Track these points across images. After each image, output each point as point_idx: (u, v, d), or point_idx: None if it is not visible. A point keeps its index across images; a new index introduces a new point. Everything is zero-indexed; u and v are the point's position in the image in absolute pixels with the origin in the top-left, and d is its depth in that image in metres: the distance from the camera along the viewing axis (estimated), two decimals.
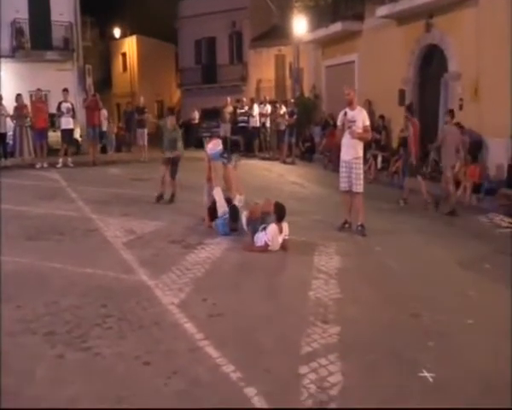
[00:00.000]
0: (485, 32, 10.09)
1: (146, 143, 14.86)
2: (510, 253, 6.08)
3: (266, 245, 5.59)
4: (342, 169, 6.91)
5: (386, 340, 3.59)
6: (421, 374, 3.07)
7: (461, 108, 10.81)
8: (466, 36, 10.61)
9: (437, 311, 4.15)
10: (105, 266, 5.05)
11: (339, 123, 7.05)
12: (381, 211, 8.41)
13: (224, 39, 26.14)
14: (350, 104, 6.90)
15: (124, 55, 33.20)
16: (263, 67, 24.67)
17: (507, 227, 7.49)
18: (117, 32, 33.08)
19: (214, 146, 7.33)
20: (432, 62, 12.04)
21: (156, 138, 22.46)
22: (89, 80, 18.87)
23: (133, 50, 32.24)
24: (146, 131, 14.89)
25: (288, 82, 21.60)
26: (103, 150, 16.69)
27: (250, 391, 2.83)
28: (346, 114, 6.85)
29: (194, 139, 19.31)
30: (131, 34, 32.49)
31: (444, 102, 11.46)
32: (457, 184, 9.49)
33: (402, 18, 12.45)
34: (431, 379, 3.03)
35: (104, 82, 32.38)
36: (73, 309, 3.93)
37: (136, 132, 15.11)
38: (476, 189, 9.32)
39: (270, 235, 5.55)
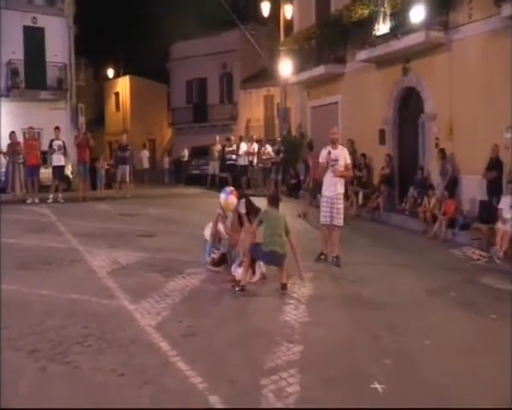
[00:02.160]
0: (457, 76, 10.73)
1: (128, 179, 15.17)
2: (477, 282, 6.44)
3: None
4: (324, 204, 7.28)
5: (346, 358, 3.87)
6: (373, 386, 3.34)
7: (437, 146, 11.35)
8: (440, 79, 11.25)
9: (398, 333, 4.45)
10: (89, 293, 5.31)
11: (321, 160, 7.45)
12: (360, 244, 8.76)
13: (214, 80, 27.06)
14: (334, 143, 7.36)
15: (117, 94, 34.08)
16: (252, 106, 25.51)
17: (477, 259, 7.86)
18: (110, 72, 34.15)
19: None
20: (409, 104, 12.66)
21: (147, 175, 23.01)
22: (81, 119, 19.42)
23: (126, 90, 33.12)
24: (128, 168, 15.21)
25: (277, 121, 22.33)
26: (93, 187, 17.04)
27: (213, 398, 3.10)
28: (329, 153, 7.27)
29: (183, 176, 19.77)
30: (125, 74, 33.47)
31: (421, 141, 12.02)
32: (434, 218, 9.95)
33: (381, 62, 13.14)
34: (381, 390, 3.30)
35: (97, 121, 33.12)
36: (57, 329, 4.19)
37: (118, 169, 15.37)
38: (451, 223, 9.73)
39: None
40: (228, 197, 6.50)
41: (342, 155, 7.30)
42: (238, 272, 5.73)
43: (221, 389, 3.21)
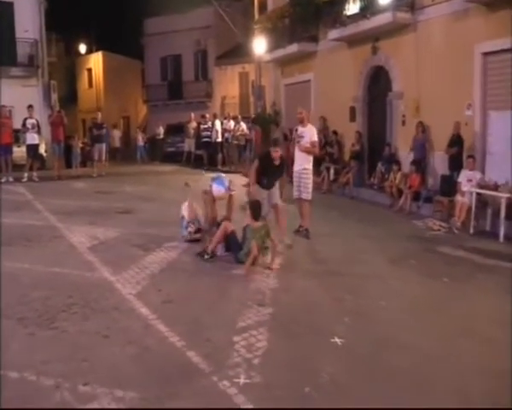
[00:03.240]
0: (423, 56, 11.15)
1: (104, 158, 15.24)
2: (435, 251, 6.98)
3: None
4: (294, 179, 7.70)
5: (310, 318, 4.31)
6: (333, 340, 3.79)
7: (403, 123, 11.84)
8: (407, 59, 11.65)
9: (358, 296, 4.91)
10: (70, 266, 5.59)
11: (292, 137, 7.89)
12: (330, 218, 9.21)
13: (189, 57, 26.90)
14: (301, 122, 7.74)
15: (89, 70, 33.48)
16: (227, 83, 25.53)
17: (438, 230, 8.41)
18: (83, 48, 33.43)
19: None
20: (379, 82, 13.06)
21: (123, 153, 22.98)
22: (54, 96, 19.14)
23: (99, 66, 32.56)
24: (104, 146, 15.27)
25: (252, 98, 22.49)
26: (68, 165, 17.01)
27: (191, 354, 3.49)
28: (297, 130, 7.69)
29: (159, 154, 19.85)
30: (97, 50, 32.85)
31: (389, 118, 12.48)
32: (400, 192, 10.48)
33: (351, 41, 13.45)
34: (340, 343, 3.75)
35: (70, 98, 32.53)
36: (42, 300, 4.48)
37: (94, 147, 15.40)
38: (416, 197, 10.27)
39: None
40: (223, 191, 6.72)
41: (309, 133, 7.68)
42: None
43: (197, 347, 3.60)
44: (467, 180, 8.69)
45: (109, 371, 3.26)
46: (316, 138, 7.86)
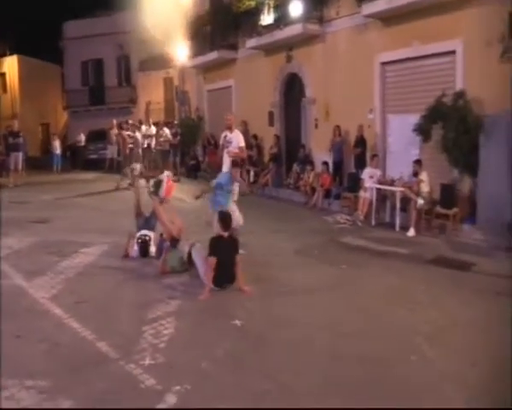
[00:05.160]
0: (331, 64, 12.07)
1: (21, 167, 14.78)
2: (338, 241, 7.71)
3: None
4: None
5: (215, 306, 4.74)
6: (233, 322, 4.25)
7: (316, 126, 12.70)
8: (317, 67, 12.53)
9: (263, 284, 5.41)
10: None
11: (221, 142, 8.34)
12: (249, 216, 9.67)
13: (111, 61, 26.44)
14: (229, 128, 8.21)
15: (3, 75, 31.80)
16: (152, 89, 25.40)
17: (344, 223, 9.21)
18: None
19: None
20: (293, 88, 13.86)
21: (42, 161, 22.15)
22: None
23: (14, 70, 31.03)
24: (21, 155, 14.79)
25: (177, 104, 22.63)
26: None
27: (101, 345, 3.79)
28: (225, 136, 8.15)
29: (80, 161, 19.43)
30: (12, 54, 31.31)
31: (304, 122, 13.30)
32: (313, 190, 11.25)
33: (267, 50, 14.15)
34: (239, 324, 4.22)
35: None
36: None
37: (10, 156, 14.78)
38: (328, 194, 11.09)
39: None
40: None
41: (236, 139, 8.18)
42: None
43: (108, 337, 3.91)
44: (369, 177, 9.59)
45: (20, 365, 3.48)
46: (243, 144, 8.36)
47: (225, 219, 5.42)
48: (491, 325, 4.44)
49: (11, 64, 31.21)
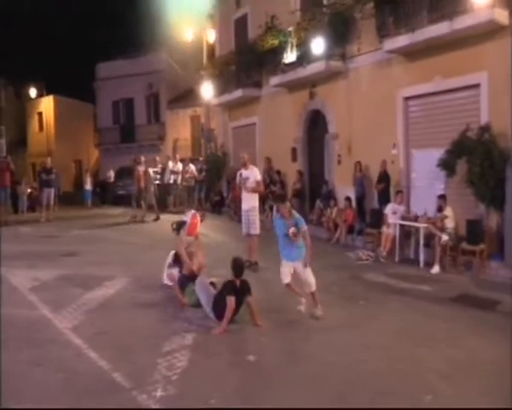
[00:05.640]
0: (354, 100, 12.20)
1: (53, 202, 15.30)
2: (359, 278, 7.62)
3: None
4: (243, 218, 8.40)
5: (230, 340, 4.75)
6: (247, 357, 4.24)
7: (339, 162, 12.75)
8: (340, 103, 12.69)
9: (268, 318, 5.35)
10: (11, 306, 5.78)
11: (237, 182, 8.58)
12: (272, 252, 9.68)
13: (141, 100, 27.49)
14: (244, 165, 8.46)
15: (40, 114, 33.40)
16: (179, 126, 26.20)
17: (366, 259, 9.11)
18: (33, 91, 33.43)
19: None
20: (317, 125, 14.03)
21: (74, 197, 22.90)
22: (1, 141, 19.05)
23: (50, 110, 32.58)
24: (53, 191, 15.34)
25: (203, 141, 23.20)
26: (15, 211, 16.87)
27: (116, 375, 3.85)
28: (241, 174, 8.40)
29: (109, 197, 19.99)
30: (48, 94, 32.95)
31: (327, 157, 13.40)
32: (336, 226, 11.22)
33: (291, 87, 14.46)
34: (253, 360, 4.20)
35: (19, 142, 32.28)
36: None
37: (43, 192, 15.35)
38: (351, 230, 11.03)
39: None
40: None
41: (252, 174, 8.44)
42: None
43: (123, 368, 3.97)
44: (392, 213, 9.51)
45: (39, 392, 3.57)
46: (259, 178, 8.62)
47: (238, 266, 5.28)
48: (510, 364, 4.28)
49: (47, 104, 32.81)
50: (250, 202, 8.31)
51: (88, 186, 20.58)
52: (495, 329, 5.23)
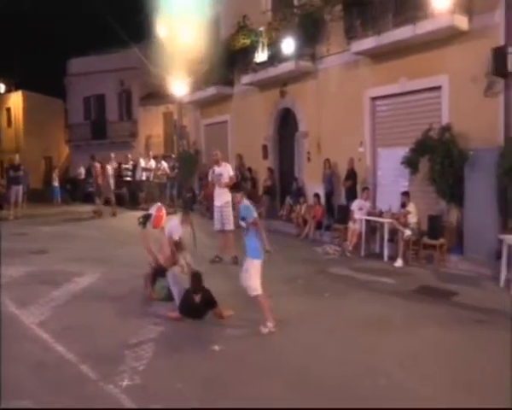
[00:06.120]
0: (322, 99, 12.47)
1: (20, 199, 15.05)
2: (325, 271, 7.86)
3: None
4: (216, 214, 8.54)
5: (196, 332, 4.90)
6: (212, 348, 4.39)
7: (309, 160, 13.01)
8: (310, 102, 12.94)
9: (246, 311, 5.51)
10: None
11: (209, 179, 8.71)
12: (240, 248, 9.86)
13: (113, 96, 27.15)
14: (216, 162, 8.61)
15: (8, 110, 32.62)
16: (152, 123, 26.00)
17: (333, 254, 9.38)
18: (1, 87, 32.64)
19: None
20: (287, 123, 14.25)
21: (43, 194, 22.51)
22: None
23: (19, 105, 31.85)
24: (21, 188, 15.09)
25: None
26: None
27: (83, 367, 3.94)
28: (214, 171, 8.56)
29: (80, 194, 19.79)
30: (17, 89, 32.20)
31: (297, 155, 13.64)
32: (305, 222, 11.46)
33: (262, 85, 14.63)
34: (218, 350, 4.35)
35: None
36: None
37: (11, 189, 15.06)
38: (319, 226, 11.29)
39: None
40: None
41: (225, 170, 8.63)
42: None
43: (90, 360, 4.07)
44: (358, 209, 9.81)
45: (7, 384, 3.62)
46: (232, 173, 8.80)
47: (195, 281, 5.22)
48: (463, 350, 4.57)
49: (16, 99, 32.07)
50: (223, 197, 8.45)
51: (56, 183, 20.29)
52: (450, 318, 5.53)
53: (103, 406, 3.36)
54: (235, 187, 6.08)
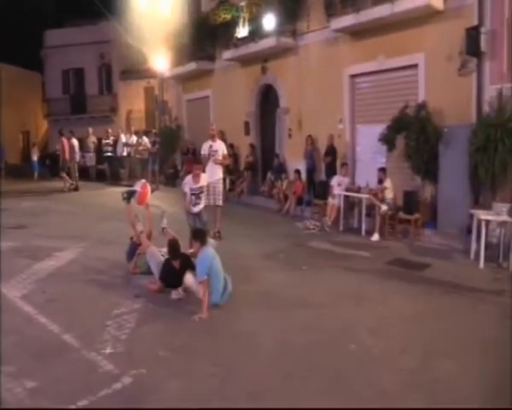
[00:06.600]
0: (303, 76, 12.51)
1: None
2: (304, 245, 8.08)
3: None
4: (209, 189, 8.36)
5: (176, 303, 5.05)
6: (192, 318, 4.56)
7: (290, 136, 13.11)
8: (291, 78, 12.97)
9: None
10: None
11: (203, 152, 8.74)
12: (225, 223, 10.02)
13: (92, 70, 26.60)
14: (212, 138, 8.60)
15: None
16: (133, 98, 25.63)
17: (313, 229, 9.60)
18: None
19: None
20: (268, 99, 14.27)
21: (22, 169, 22.21)
22: None
23: None
24: None
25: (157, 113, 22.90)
26: None
27: (66, 337, 4.08)
28: (211, 146, 8.57)
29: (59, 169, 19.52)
30: None
31: (278, 131, 13.73)
32: (286, 197, 11.65)
33: (243, 61, 14.57)
34: (197, 319, 4.54)
35: None
36: None
37: None
38: (300, 201, 11.49)
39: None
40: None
41: (220, 147, 8.68)
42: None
43: (73, 330, 4.21)
44: (337, 184, 10.01)
45: None
46: (226, 151, 8.82)
47: (173, 249, 5.31)
48: (432, 319, 4.84)
49: None
50: (216, 173, 8.50)
51: (35, 158, 20.02)
52: (421, 288, 5.81)
53: (86, 371, 3.52)
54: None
